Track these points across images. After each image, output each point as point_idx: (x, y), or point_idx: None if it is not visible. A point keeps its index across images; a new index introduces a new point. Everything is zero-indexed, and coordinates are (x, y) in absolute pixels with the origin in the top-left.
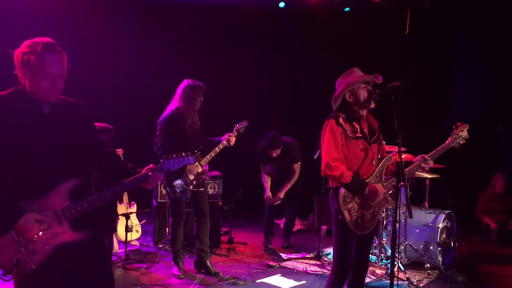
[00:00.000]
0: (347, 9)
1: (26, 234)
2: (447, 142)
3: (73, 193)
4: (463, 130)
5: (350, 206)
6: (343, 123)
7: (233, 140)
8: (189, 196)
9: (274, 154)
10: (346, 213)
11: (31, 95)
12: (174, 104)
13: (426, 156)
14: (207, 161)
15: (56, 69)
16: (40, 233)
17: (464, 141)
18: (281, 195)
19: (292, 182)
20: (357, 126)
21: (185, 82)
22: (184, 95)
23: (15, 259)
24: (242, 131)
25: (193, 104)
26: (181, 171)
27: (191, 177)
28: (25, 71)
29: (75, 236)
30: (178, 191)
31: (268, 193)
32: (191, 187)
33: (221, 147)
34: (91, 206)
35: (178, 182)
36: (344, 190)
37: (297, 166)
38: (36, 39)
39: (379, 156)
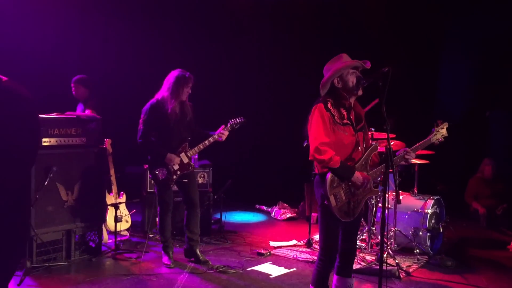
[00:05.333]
0: None
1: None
2: (428, 138)
3: None
4: (442, 128)
5: (336, 191)
6: (331, 108)
7: (225, 135)
8: (171, 185)
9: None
10: (332, 198)
11: None
12: (160, 93)
13: (408, 150)
14: (195, 152)
15: None
16: None
17: (442, 138)
18: None
19: None
20: (345, 113)
21: (172, 72)
22: (170, 85)
23: None
24: (236, 127)
25: (177, 94)
26: (163, 160)
27: (175, 166)
28: None
29: None
30: (159, 179)
31: None
32: (175, 176)
33: (212, 140)
34: None
35: (160, 170)
36: (331, 175)
37: None
38: None
39: (364, 144)
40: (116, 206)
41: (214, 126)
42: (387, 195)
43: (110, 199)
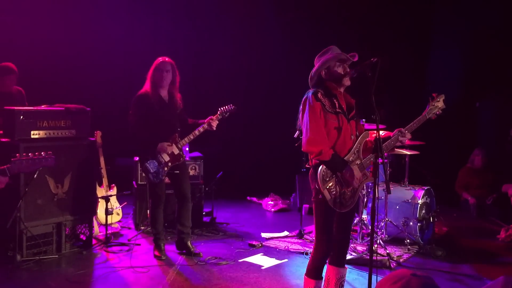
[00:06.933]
0: None
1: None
2: (423, 113)
3: None
4: (439, 101)
5: (330, 185)
6: (322, 98)
7: (214, 124)
8: (163, 177)
9: None
10: (326, 192)
11: None
12: (145, 85)
13: (402, 130)
14: (185, 143)
15: None
16: None
17: (440, 111)
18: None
19: None
20: (336, 102)
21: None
22: (150, 75)
23: None
24: (226, 115)
25: (159, 81)
26: (154, 151)
27: (166, 158)
28: None
29: None
30: (151, 171)
31: None
32: (166, 168)
33: (202, 130)
34: None
35: (151, 162)
36: (322, 169)
37: None
38: None
39: (357, 133)
40: (106, 199)
41: (204, 115)
42: (377, 186)
43: (100, 191)
